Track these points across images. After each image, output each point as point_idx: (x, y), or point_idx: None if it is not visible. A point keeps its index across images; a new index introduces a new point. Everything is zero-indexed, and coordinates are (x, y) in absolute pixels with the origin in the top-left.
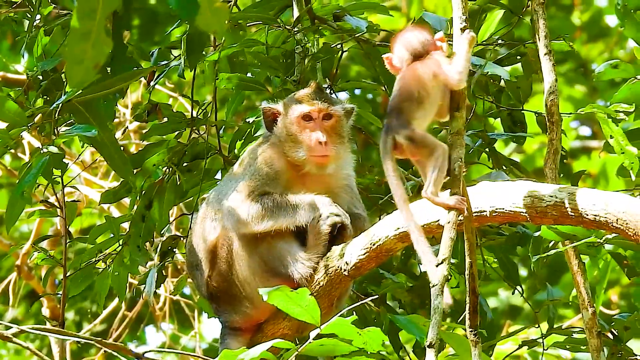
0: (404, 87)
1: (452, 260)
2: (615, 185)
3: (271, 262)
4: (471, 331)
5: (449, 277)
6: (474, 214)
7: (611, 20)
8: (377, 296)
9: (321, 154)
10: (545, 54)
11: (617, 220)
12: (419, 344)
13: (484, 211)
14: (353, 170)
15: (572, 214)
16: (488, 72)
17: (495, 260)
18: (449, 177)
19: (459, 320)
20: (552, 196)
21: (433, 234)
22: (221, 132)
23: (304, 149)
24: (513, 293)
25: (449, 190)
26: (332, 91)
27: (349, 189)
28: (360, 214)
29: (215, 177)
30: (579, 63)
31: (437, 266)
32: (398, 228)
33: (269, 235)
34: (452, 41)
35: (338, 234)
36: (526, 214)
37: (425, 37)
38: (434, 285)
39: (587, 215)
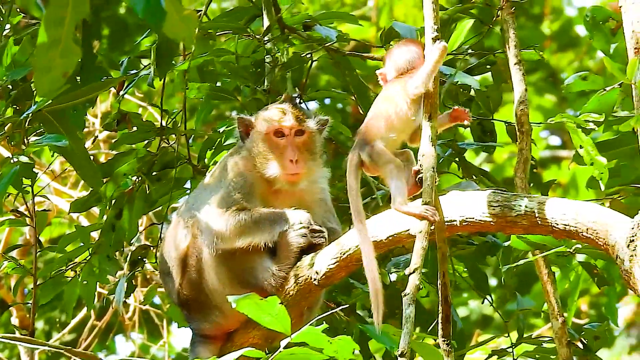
0: (376, 105)
1: (422, 270)
2: (585, 194)
3: (241, 273)
4: (444, 340)
5: (420, 287)
6: (445, 224)
7: (581, 29)
8: (347, 305)
9: (292, 172)
10: (515, 64)
11: (587, 229)
12: (388, 353)
13: (454, 221)
14: (327, 183)
15: (542, 223)
16: (458, 81)
17: (465, 269)
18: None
19: (429, 330)
20: (522, 205)
21: (402, 243)
22: (191, 141)
23: (275, 167)
24: (482, 302)
25: (421, 200)
26: (301, 100)
27: (323, 203)
28: (334, 228)
29: (185, 186)
30: (549, 72)
31: (408, 275)
32: None
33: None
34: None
35: (311, 249)
36: (497, 223)
37: (412, 53)
38: (405, 295)
39: (557, 224)
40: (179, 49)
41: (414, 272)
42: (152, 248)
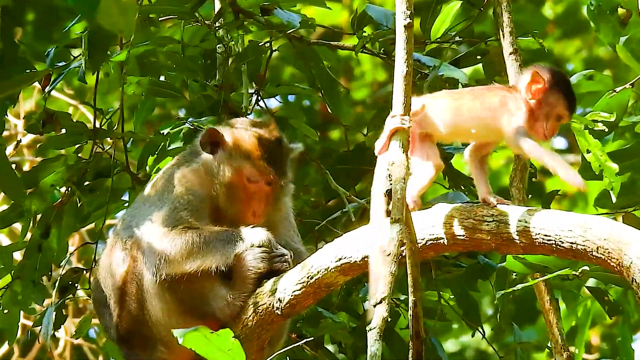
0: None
1: (402, 297)
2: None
3: (190, 302)
4: None
5: (389, 319)
6: (430, 242)
7: None
8: (312, 338)
9: (250, 223)
10: (510, 54)
11: (597, 248)
12: None
13: (441, 238)
14: (290, 198)
15: (544, 241)
16: (443, 74)
17: (452, 296)
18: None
19: None
20: (520, 220)
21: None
22: (129, 145)
23: (234, 209)
24: (473, 335)
25: (390, 218)
26: (259, 97)
27: (286, 221)
28: (299, 248)
29: (123, 198)
30: (552, 62)
31: (374, 306)
32: (340, 259)
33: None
34: None
35: (272, 274)
36: (490, 242)
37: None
38: (371, 329)
39: (562, 243)
40: (116, 37)
41: (380, 302)
42: (85, 272)
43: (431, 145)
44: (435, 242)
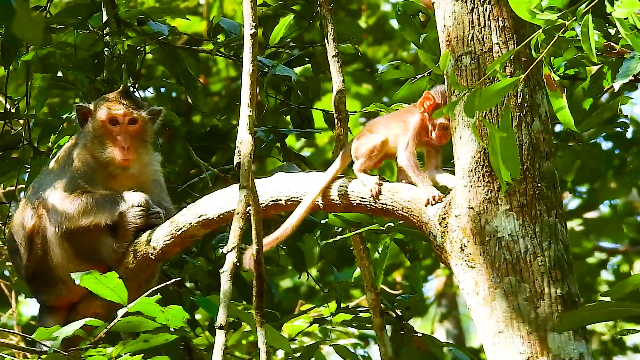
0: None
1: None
2: None
3: (84, 249)
4: (257, 312)
5: (238, 264)
6: (271, 203)
7: (395, 23)
8: (179, 279)
9: (122, 158)
10: (333, 56)
11: (402, 208)
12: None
13: (280, 200)
14: (159, 165)
15: (360, 202)
16: (278, 73)
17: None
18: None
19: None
20: (342, 186)
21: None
22: (32, 125)
23: (108, 152)
24: (299, 277)
25: (238, 185)
26: (135, 90)
27: (158, 184)
28: (168, 207)
29: (26, 165)
30: (366, 64)
31: (226, 253)
32: (201, 215)
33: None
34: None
35: (148, 227)
36: (319, 203)
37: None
38: (224, 272)
39: (375, 204)
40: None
41: (231, 250)
42: (1, 225)
43: None
44: (275, 202)
